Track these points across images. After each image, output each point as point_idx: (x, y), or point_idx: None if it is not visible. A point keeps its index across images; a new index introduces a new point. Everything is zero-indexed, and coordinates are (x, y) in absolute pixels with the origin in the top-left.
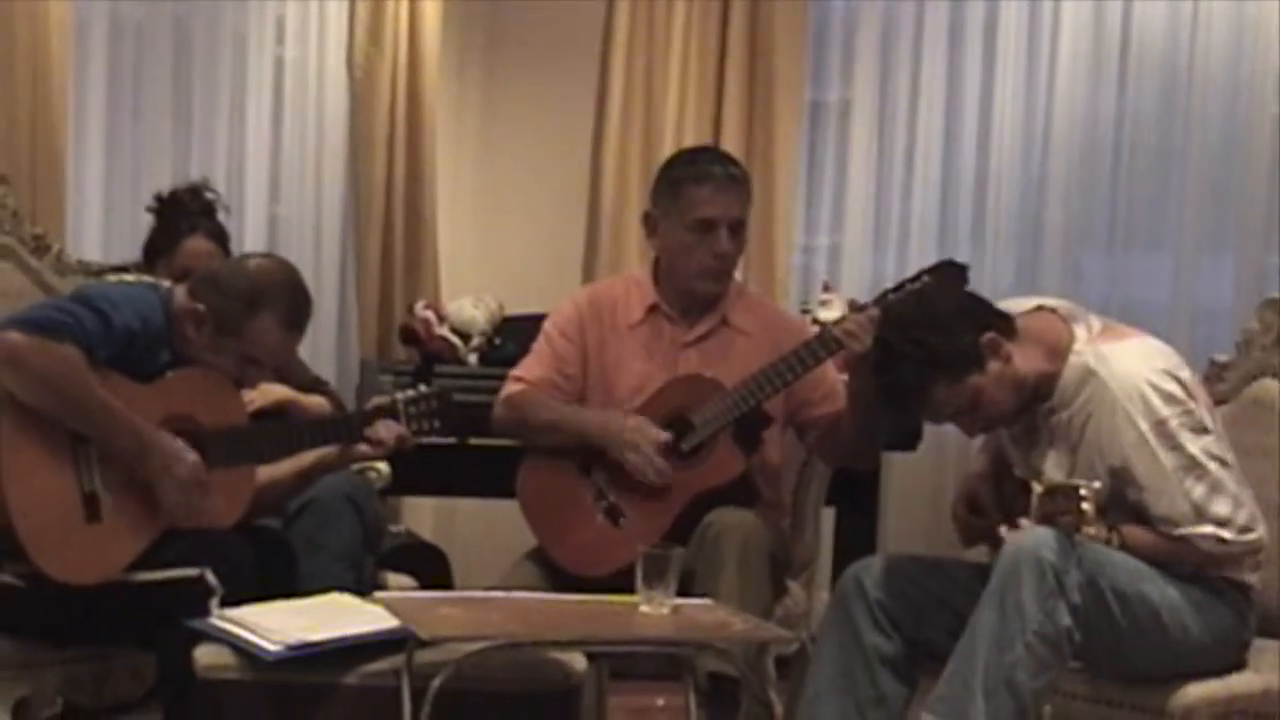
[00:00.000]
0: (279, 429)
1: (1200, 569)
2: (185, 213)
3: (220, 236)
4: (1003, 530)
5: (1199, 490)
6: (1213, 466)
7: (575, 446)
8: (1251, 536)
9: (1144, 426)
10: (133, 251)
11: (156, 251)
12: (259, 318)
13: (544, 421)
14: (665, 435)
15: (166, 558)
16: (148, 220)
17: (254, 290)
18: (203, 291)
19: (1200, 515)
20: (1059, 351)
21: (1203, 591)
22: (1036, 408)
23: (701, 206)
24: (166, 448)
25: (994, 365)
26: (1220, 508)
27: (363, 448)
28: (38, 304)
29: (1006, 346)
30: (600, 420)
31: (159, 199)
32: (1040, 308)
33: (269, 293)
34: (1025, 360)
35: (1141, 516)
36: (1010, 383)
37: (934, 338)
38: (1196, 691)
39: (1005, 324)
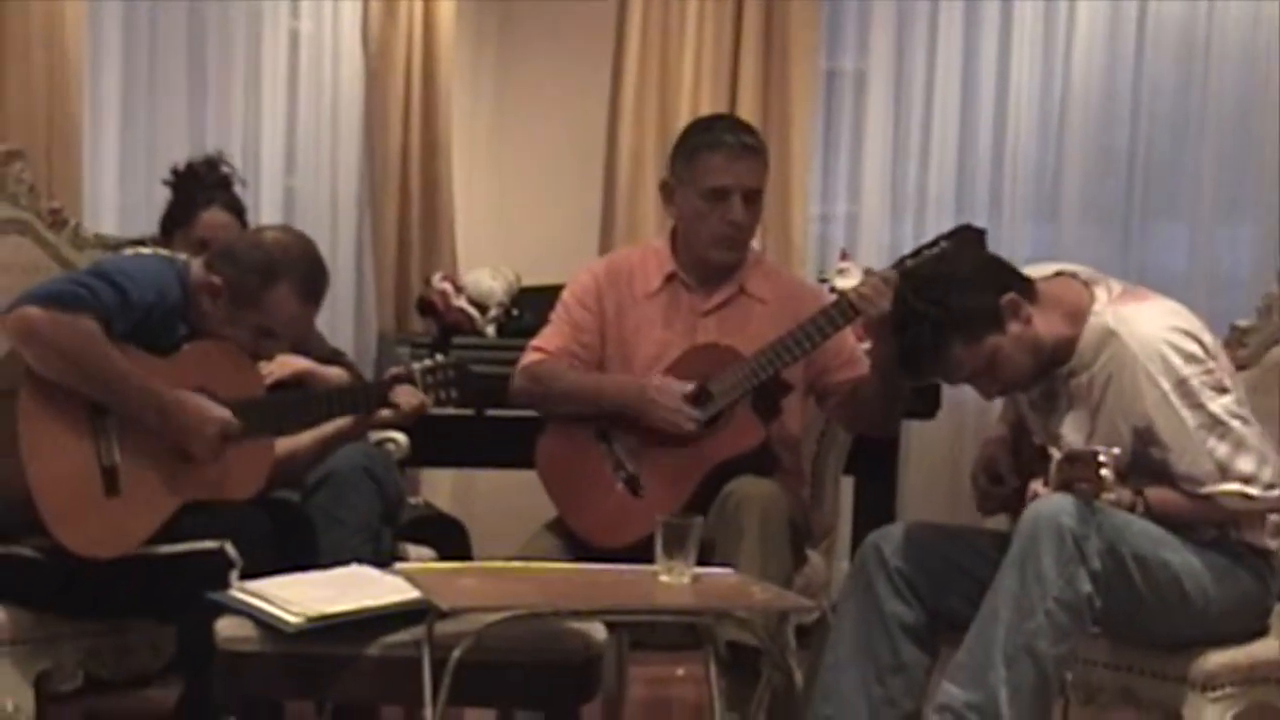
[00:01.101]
0: (297, 400)
1: (1226, 527)
2: (202, 185)
3: (237, 209)
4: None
5: (1222, 448)
6: (1235, 424)
7: (595, 414)
8: (1277, 493)
9: (1166, 386)
10: (149, 225)
11: (173, 224)
12: (275, 290)
13: (562, 389)
14: (688, 387)
15: (185, 531)
16: (164, 194)
17: (270, 262)
18: (219, 264)
19: (1224, 473)
20: (1079, 314)
21: (1224, 558)
22: (1055, 372)
23: (715, 175)
24: (191, 408)
25: (1014, 327)
26: (1244, 465)
27: (383, 413)
28: (54, 278)
29: (1027, 308)
30: (619, 384)
31: (175, 172)
32: (1060, 273)
33: (285, 265)
34: (1045, 323)
35: (1166, 477)
36: (1029, 345)
37: (953, 297)
38: (1218, 658)
39: (1026, 286)
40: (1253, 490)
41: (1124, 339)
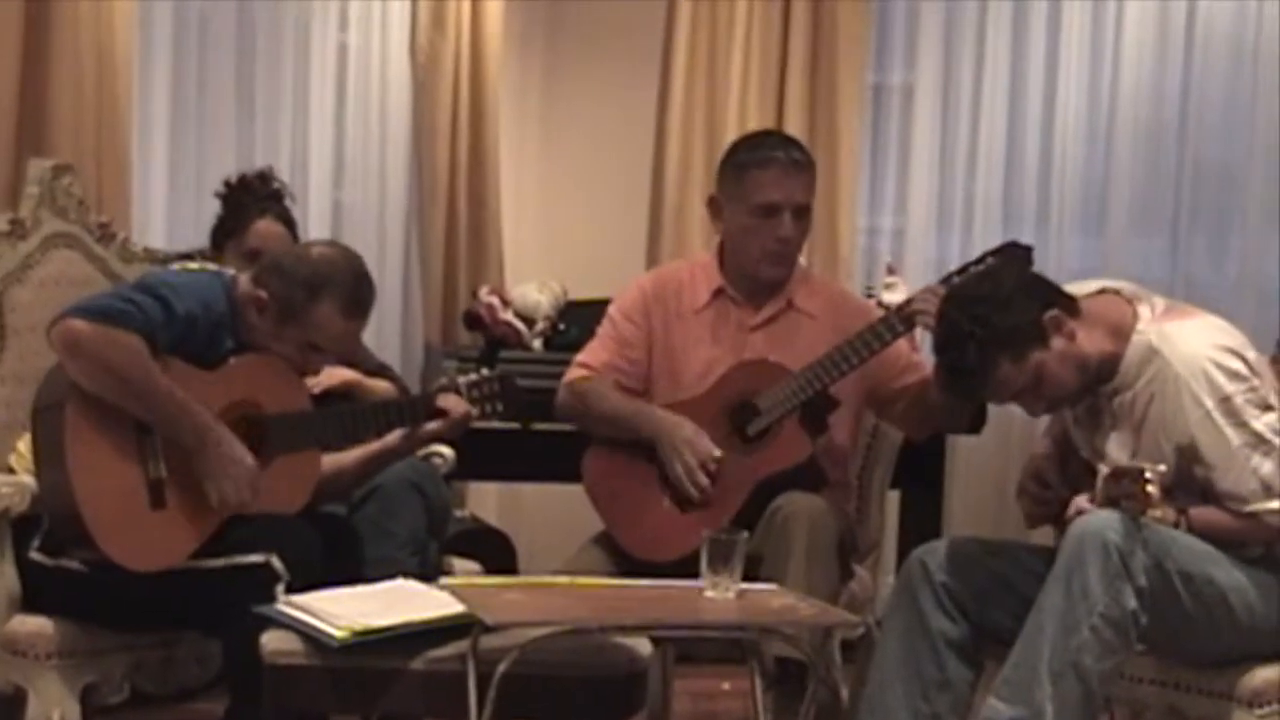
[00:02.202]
0: (342, 413)
1: (1273, 544)
2: (255, 196)
3: (289, 221)
4: (1070, 513)
5: (1266, 466)
6: (1279, 441)
7: (631, 441)
8: None
9: (1209, 404)
10: (197, 239)
11: (225, 234)
12: (321, 305)
13: (603, 413)
14: (716, 451)
15: (232, 544)
16: (212, 207)
17: (316, 277)
18: (266, 278)
19: (1268, 491)
20: (1123, 331)
21: (1271, 574)
22: (1099, 389)
23: (765, 191)
24: (224, 448)
25: (1058, 342)
26: None
27: (429, 425)
28: (100, 292)
29: (1070, 324)
30: (656, 422)
31: (228, 184)
32: (1104, 290)
33: (331, 280)
34: (1089, 339)
35: (1209, 495)
36: (1074, 361)
37: (997, 315)
38: (1265, 674)
39: (1069, 303)
40: None
41: (1167, 357)
